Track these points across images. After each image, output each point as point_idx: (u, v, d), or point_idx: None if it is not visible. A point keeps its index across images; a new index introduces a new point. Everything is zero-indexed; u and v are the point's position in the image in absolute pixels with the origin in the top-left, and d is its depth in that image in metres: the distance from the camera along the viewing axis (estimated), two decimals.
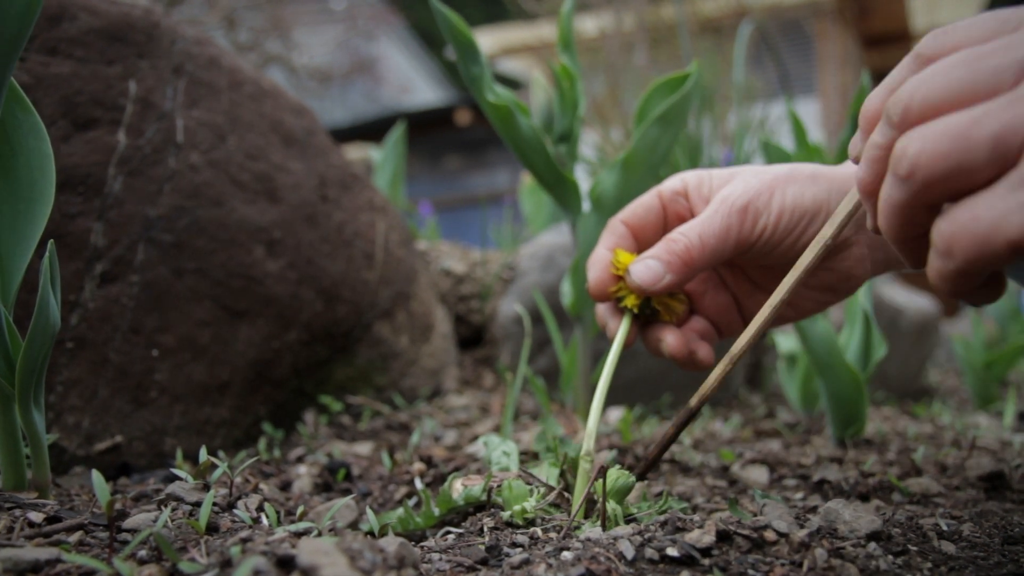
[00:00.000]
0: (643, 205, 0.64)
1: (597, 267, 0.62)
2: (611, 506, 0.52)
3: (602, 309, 0.65)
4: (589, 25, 4.62)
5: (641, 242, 0.65)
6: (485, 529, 0.52)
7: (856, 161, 0.45)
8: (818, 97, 6.46)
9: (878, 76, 0.99)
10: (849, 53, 6.74)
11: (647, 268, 0.58)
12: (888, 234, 0.41)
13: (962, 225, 0.34)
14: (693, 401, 0.56)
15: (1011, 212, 0.33)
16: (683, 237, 0.58)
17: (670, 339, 0.61)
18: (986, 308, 2.08)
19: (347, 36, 5.96)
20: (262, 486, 0.64)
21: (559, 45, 0.92)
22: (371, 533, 0.57)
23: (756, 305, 0.64)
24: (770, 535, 0.46)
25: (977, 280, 0.37)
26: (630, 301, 0.60)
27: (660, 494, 0.64)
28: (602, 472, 0.50)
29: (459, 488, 0.58)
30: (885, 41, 7.93)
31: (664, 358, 0.63)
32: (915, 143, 0.36)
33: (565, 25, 0.91)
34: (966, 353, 1.46)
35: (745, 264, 0.65)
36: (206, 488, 0.56)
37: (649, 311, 0.61)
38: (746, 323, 0.66)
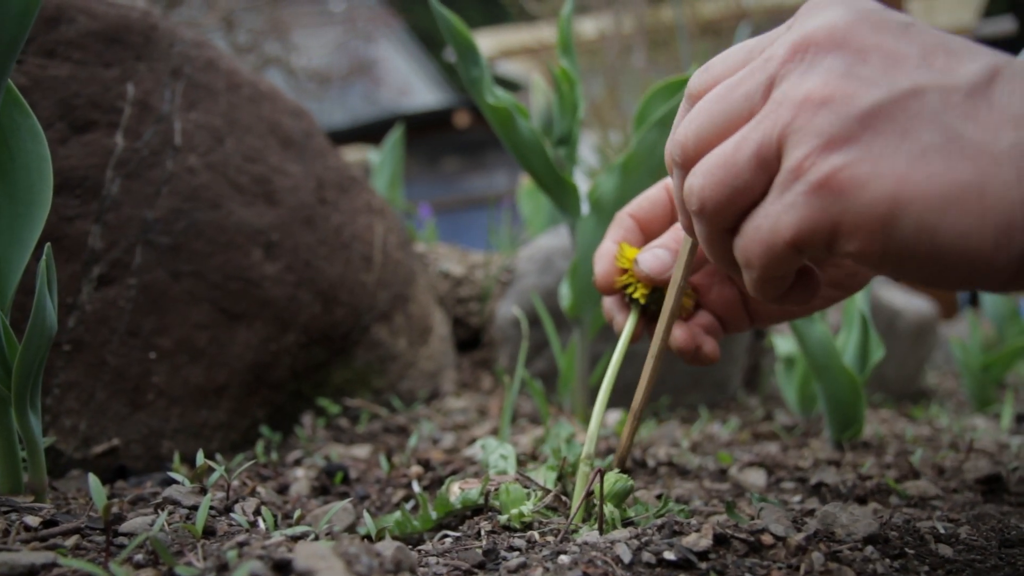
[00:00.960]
0: (649, 198, 0.64)
1: (604, 260, 0.62)
2: (609, 509, 0.52)
3: (609, 303, 0.65)
4: (588, 27, 4.62)
5: (648, 235, 0.64)
6: (482, 533, 0.52)
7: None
8: None
9: None
10: None
11: (655, 257, 0.58)
12: (716, 264, 0.43)
13: (750, 237, 0.38)
14: (614, 462, 0.56)
15: (781, 215, 0.36)
16: None
17: (677, 333, 0.61)
18: (984, 310, 2.08)
19: (346, 38, 5.96)
20: (259, 489, 0.64)
21: (559, 48, 0.92)
22: (368, 537, 0.56)
23: (761, 302, 0.64)
24: (767, 539, 0.46)
25: (783, 282, 0.40)
26: (638, 292, 0.59)
27: (659, 497, 0.64)
28: (600, 475, 0.50)
29: (456, 491, 0.58)
30: None
31: (670, 352, 0.62)
32: (696, 179, 0.39)
33: (564, 28, 0.91)
34: (964, 355, 1.46)
35: None
36: (203, 491, 0.56)
37: (656, 305, 0.61)
38: (752, 319, 0.65)
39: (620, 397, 1.20)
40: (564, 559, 0.43)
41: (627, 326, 0.61)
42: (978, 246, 0.33)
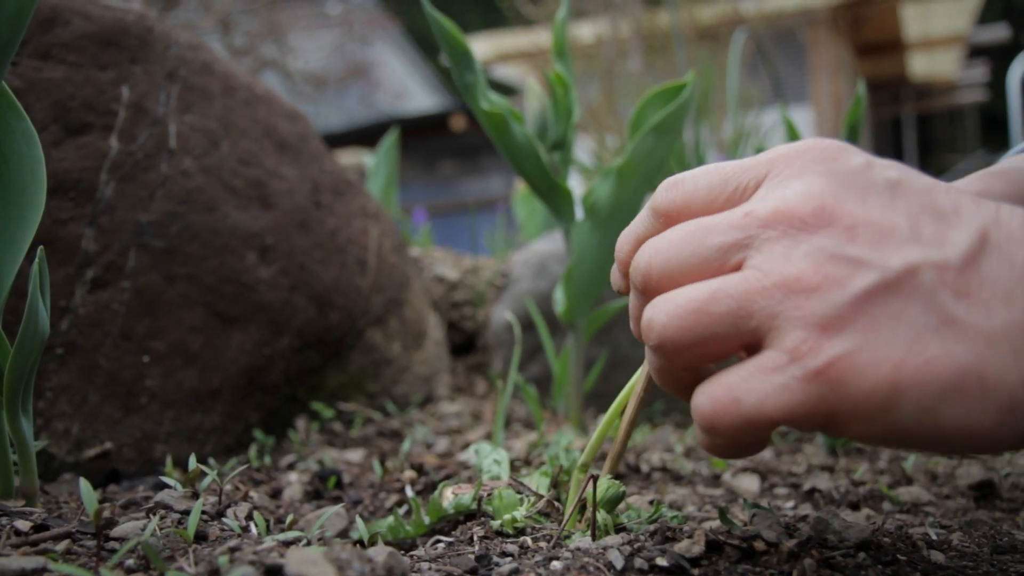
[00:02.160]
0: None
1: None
2: (602, 515, 0.52)
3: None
4: (585, 31, 4.64)
5: None
6: (475, 538, 0.52)
7: (620, 292, 0.48)
8: (811, 105, 6.49)
9: (871, 84, 0.99)
10: (842, 61, 6.78)
11: None
12: (664, 388, 0.43)
13: (721, 405, 0.36)
14: (607, 468, 0.54)
15: (771, 394, 0.35)
16: None
17: None
18: None
19: (342, 41, 5.96)
20: (252, 494, 0.64)
21: (553, 52, 0.93)
22: (361, 542, 0.56)
23: None
24: (760, 545, 0.46)
25: (747, 450, 0.40)
26: None
27: (652, 503, 0.64)
28: (592, 481, 0.50)
29: (449, 496, 0.58)
30: (877, 50, 7.98)
31: None
32: (659, 316, 0.38)
33: (559, 33, 0.91)
34: None
35: None
36: (195, 496, 0.55)
37: None
38: None
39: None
40: (556, 565, 0.43)
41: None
42: (980, 427, 0.33)
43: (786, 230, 0.36)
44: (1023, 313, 0.33)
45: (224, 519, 0.53)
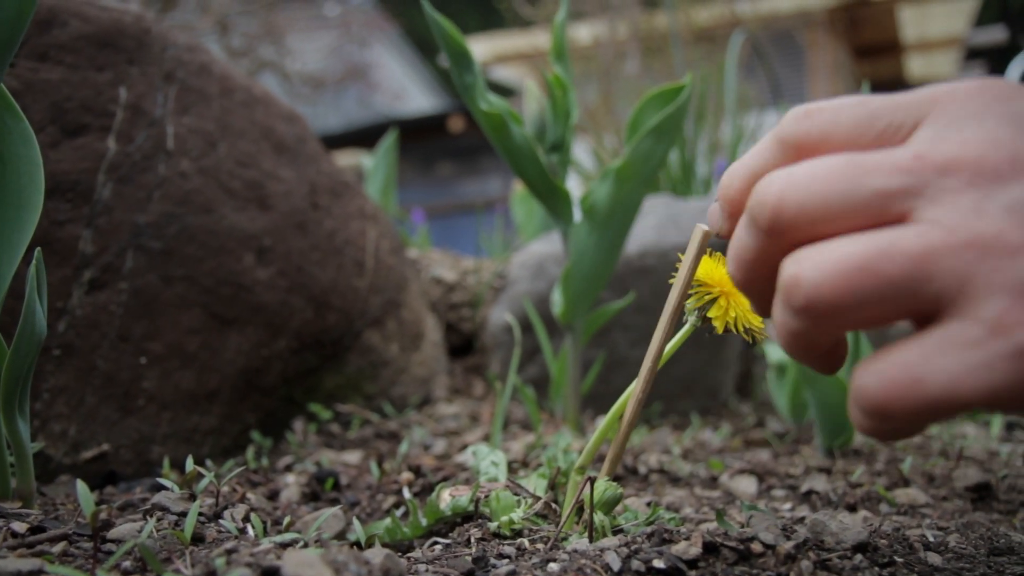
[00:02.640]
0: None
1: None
2: (599, 517, 0.52)
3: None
4: (583, 33, 4.64)
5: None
6: (472, 540, 0.52)
7: (719, 235, 0.42)
8: None
9: (870, 86, 1.00)
10: (840, 63, 6.79)
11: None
12: (793, 354, 0.38)
13: (902, 389, 0.31)
14: (604, 471, 0.53)
15: (970, 372, 0.30)
16: None
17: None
18: None
19: (341, 42, 5.96)
20: (249, 495, 0.64)
21: (552, 54, 0.93)
22: (358, 544, 0.56)
23: None
24: (757, 547, 0.46)
25: (915, 431, 0.34)
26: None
27: (649, 504, 0.64)
28: (590, 483, 0.50)
29: (447, 498, 0.58)
30: (875, 51, 7.99)
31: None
32: (811, 273, 0.32)
33: (558, 35, 0.91)
34: None
35: None
36: (192, 498, 0.55)
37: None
38: None
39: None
40: (554, 567, 0.43)
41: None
42: None
43: (973, 179, 0.31)
44: None
45: (221, 521, 0.53)
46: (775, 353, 1.22)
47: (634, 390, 0.53)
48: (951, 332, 0.30)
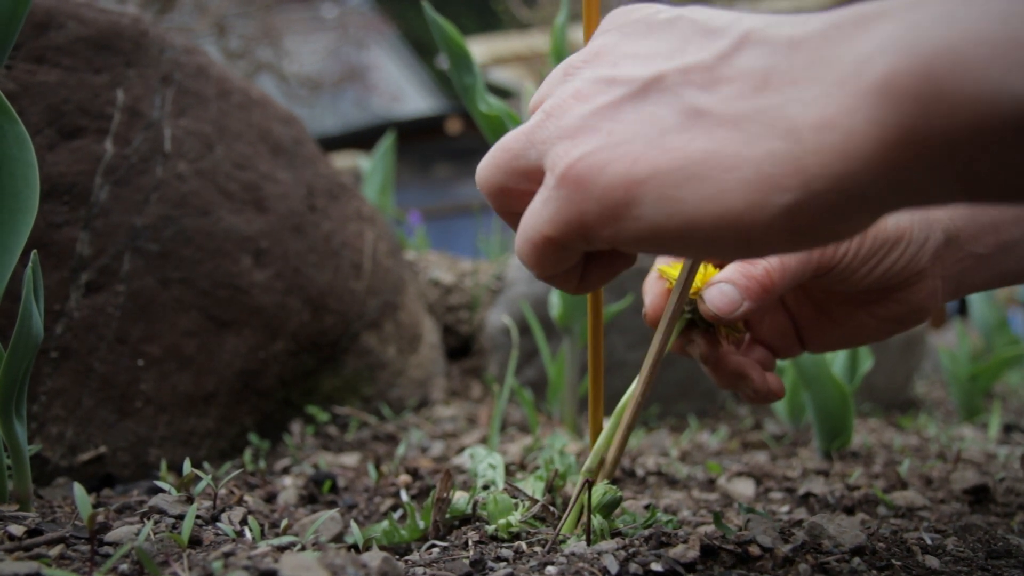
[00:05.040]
0: None
1: (654, 292, 0.57)
2: (597, 520, 0.52)
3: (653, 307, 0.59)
4: (582, 35, 4.64)
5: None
6: (470, 543, 0.52)
7: None
8: None
9: None
10: None
11: (722, 294, 0.53)
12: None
13: (518, 235, 0.39)
14: (603, 474, 0.53)
15: (540, 211, 0.37)
16: (762, 260, 0.53)
17: (731, 361, 0.57)
18: (972, 320, 2.09)
19: (338, 44, 5.96)
20: (247, 498, 0.64)
21: (552, 56, 0.93)
22: (355, 546, 0.56)
23: (816, 330, 0.60)
24: (754, 550, 0.46)
25: (561, 280, 0.41)
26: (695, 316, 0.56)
27: (647, 507, 0.64)
28: (588, 486, 0.50)
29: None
30: None
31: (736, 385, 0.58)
32: (482, 161, 0.42)
33: (559, 36, 0.91)
34: (951, 365, 1.46)
35: (812, 287, 0.60)
36: (189, 500, 0.55)
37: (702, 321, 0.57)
38: (804, 345, 0.62)
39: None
40: (551, 570, 0.43)
41: (696, 352, 0.57)
42: (728, 209, 0.32)
43: (565, 74, 0.39)
44: (774, 96, 0.32)
45: (218, 524, 0.53)
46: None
47: (633, 392, 0.53)
48: (543, 182, 0.38)
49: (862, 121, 0.29)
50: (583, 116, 0.36)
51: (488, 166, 0.41)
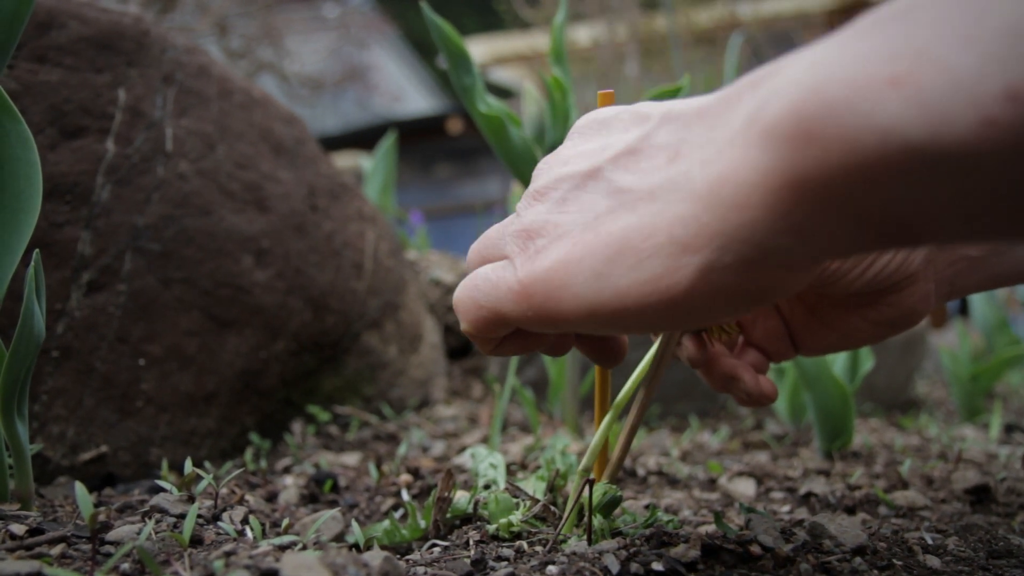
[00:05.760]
0: None
1: None
2: (598, 520, 0.52)
3: None
4: (582, 35, 4.64)
5: None
6: (471, 542, 0.52)
7: None
8: None
9: None
10: None
11: None
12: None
13: (464, 290, 0.43)
14: (606, 475, 0.53)
15: (494, 286, 0.41)
16: None
17: (723, 363, 0.58)
18: (973, 320, 2.09)
19: (339, 44, 5.96)
20: (248, 497, 0.64)
21: (551, 57, 0.93)
22: (356, 546, 0.56)
23: (809, 333, 0.60)
24: (756, 550, 0.46)
25: (488, 344, 0.45)
26: None
27: (648, 507, 0.64)
28: (589, 485, 0.50)
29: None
30: None
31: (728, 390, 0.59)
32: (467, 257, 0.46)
33: (557, 37, 0.91)
34: (952, 365, 1.46)
35: (804, 290, 0.59)
36: (191, 500, 0.55)
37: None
38: (798, 349, 0.62)
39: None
40: (552, 569, 0.43)
41: (683, 354, 0.57)
42: (649, 276, 0.34)
43: (535, 175, 0.42)
44: (683, 163, 0.34)
45: (220, 523, 0.53)
46: None
47: (638, 395, 0.53)
48: (502, 261, 0.41)
49: (749, 170, 0.30)
50: (539, 213, 0.39)
51: (471, 252, 0.45)
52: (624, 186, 0.36)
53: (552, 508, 0.57)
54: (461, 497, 0.58)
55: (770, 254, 0.31)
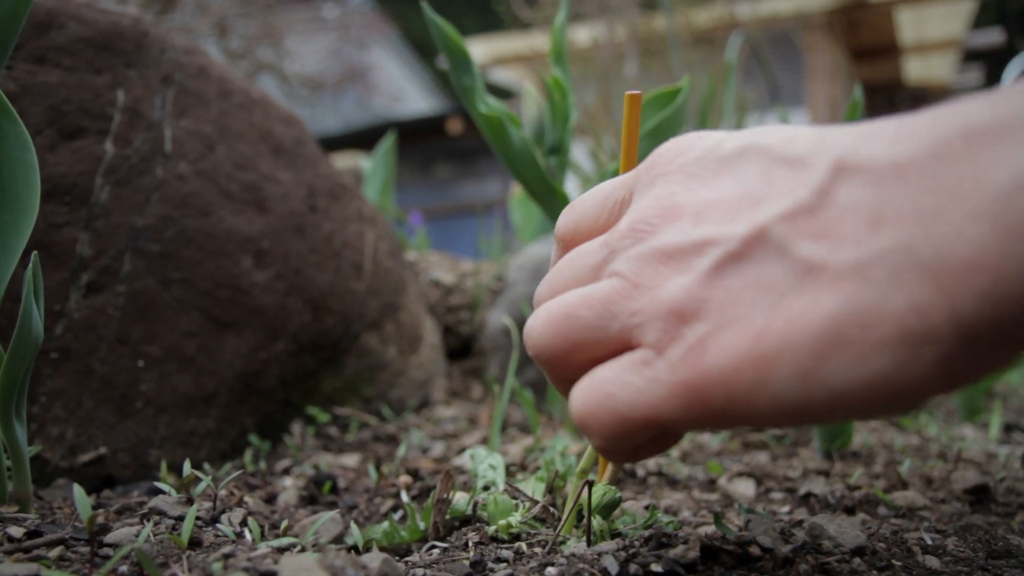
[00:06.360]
0: None
1: None
2: (597, 521, 0.52)
3: None
4: (582, 35, 4.64)
5: None
6: (470, 544, 0.52)
7: None
8: (807, 108, 6.51)
9: (866, 88, 1.00)
10: (838, 65, 6.79)
11: None
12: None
13: (597, 403, 0.35)
14: (607, 478, 0.53)
15: (642, 390, 0.33)
16: None
17: None
18: None
19: (339, 44, 5.96)
20: (247, 499, 0.64)
21: (551, 57, 0.93)
22: (355, 548, 0.56)
23: None
24: (755, 551, 0.46)
25: (628, 454, 0.38)
26: None
27: (647, 508, 0.64)
28: (588, 486, 0.50)
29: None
30: (873, 53, 8.01)
31: None
32: (536, 324, 0.38)
33: (558, 38, 0.91)
34: None
35: None
36: (189, 502, 0.55)
37: None
38: None
39: None
40: (551, 571, 0.43)
41: None
42: (878, 374, 0.29)
43: (638, 236, 0.35)
44: (895, 234, 0.28)
45: (218, 525, 0.53)
46: None
47: None
48: (636, 355, 0.34)
49: (1015, 262, 0.26)
50: (685, 289, 0.32)
51: (548, 332, 0.37)
52: (812, 258, 0.30)
53: (551, 509, 0.57)
54: (460, 498, 0.58)
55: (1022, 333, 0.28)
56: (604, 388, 0.34)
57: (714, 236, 0.33)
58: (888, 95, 9.40)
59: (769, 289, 0.31)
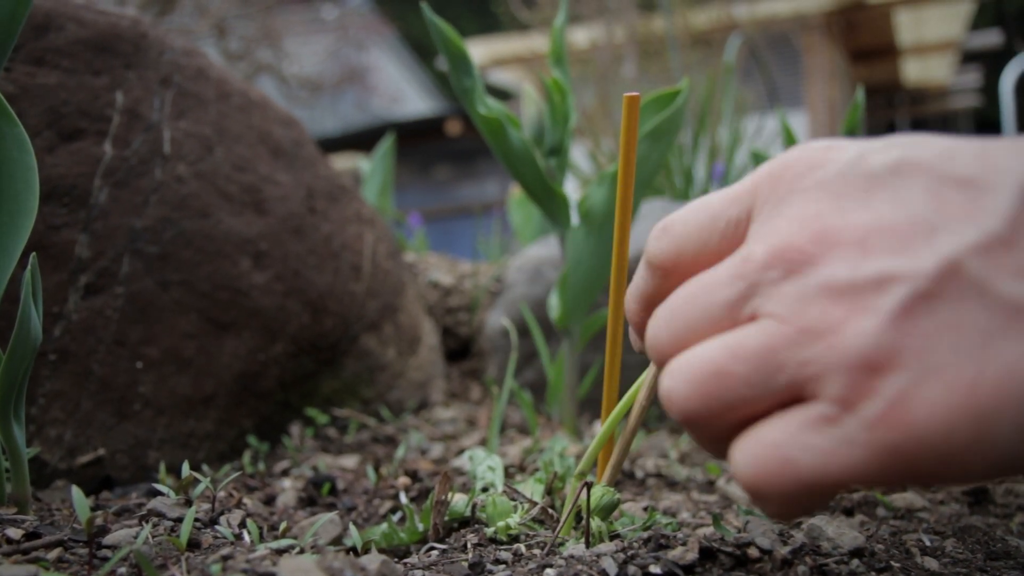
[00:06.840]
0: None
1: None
2: (596, 523, 0.52)
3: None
4: (580, 36, 4.65)
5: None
6: (469, 545, 0.52)
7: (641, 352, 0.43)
8: (806, 110, 6.51)
9: (865, 89, 1.00)
10: (836, 67, 6.80)
11: None
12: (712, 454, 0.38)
13: (774, 470, 0.31)
14: (606, 479, 0.53)
15: (832, 452, 0.29)
16: None
17: None
18: None
19: (338, 46, 5.97)
20: (246, 500, 0.64)
21: (551, 59, 0.93)
22: (354, 549, 0.56)
23: None
24: (753, 552, 0.46)
25: (800, 511, 0.33)
26: None
27: (646, 509, 0.64)
28: (586, 488, 0.50)
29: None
30: (871, 55, 8.02)
31: None
32: (678, 386, 0.33)
33: (557, 39, 0.91)
34: None
35: None
36: (188, 503, 0.55)
37: None
38: None
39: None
40: (550, 572, 0.43)
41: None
42: None
43: (789, 267, 0.31)
44: None
45: (217, 526, 0.53)
46: None
47: (638, 397, 0.52)
48: (811, 410, 0.30)
49: None
50: (872, 335, 0.28)
51: (696, 395, 0.32)
52: (1018, 299, 0.27)
53: (550, 511, 0.57)
54: (459, 500, 0.58)
55: None
56: (780, 453, 0.30)
57: (895, 271, 0.29)
58: (887, 96, 9.42)
59: (971, 332, 0.27)
